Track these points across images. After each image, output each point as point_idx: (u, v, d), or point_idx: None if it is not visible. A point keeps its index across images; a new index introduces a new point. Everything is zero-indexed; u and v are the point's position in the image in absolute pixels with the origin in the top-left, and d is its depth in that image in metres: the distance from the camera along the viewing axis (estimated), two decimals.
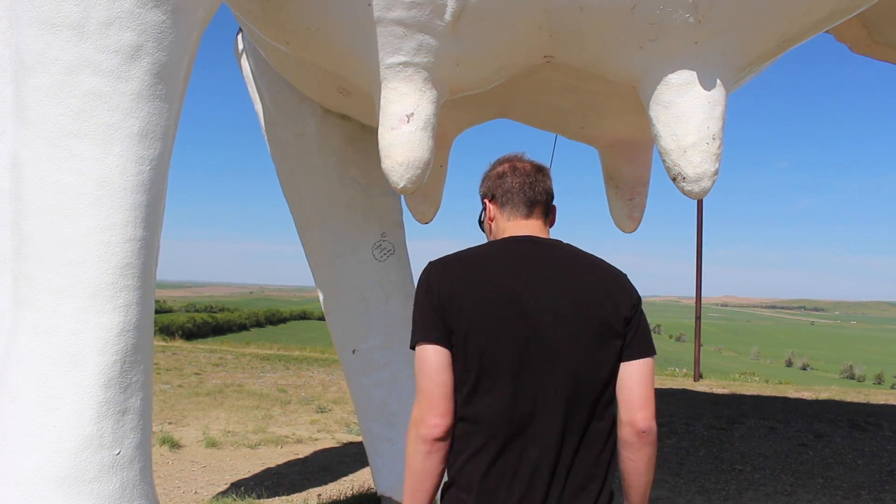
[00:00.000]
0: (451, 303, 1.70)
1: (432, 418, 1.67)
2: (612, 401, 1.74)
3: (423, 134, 3.19)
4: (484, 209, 1.96)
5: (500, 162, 1.97)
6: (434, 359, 1.68)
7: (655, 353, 1.74)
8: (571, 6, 3.05)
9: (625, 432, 1.71)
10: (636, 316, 1.75)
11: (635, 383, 1.69)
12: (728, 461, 6.57)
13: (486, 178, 1.97)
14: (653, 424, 1.68)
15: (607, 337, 1.70)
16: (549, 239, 1.88)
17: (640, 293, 1.84)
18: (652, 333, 1.80)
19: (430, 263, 1.82)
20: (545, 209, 1.91)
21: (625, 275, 1.82)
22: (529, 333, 1.67)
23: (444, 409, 1.67)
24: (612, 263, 1.86)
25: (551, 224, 1.95)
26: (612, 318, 1.71)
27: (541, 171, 1.94)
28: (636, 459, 1.70)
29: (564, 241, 1.88)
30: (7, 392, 2.47)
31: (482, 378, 1.67)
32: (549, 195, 1.93)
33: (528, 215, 1.88)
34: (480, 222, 1.99)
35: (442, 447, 1.69)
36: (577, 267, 1.78)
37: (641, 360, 1.71)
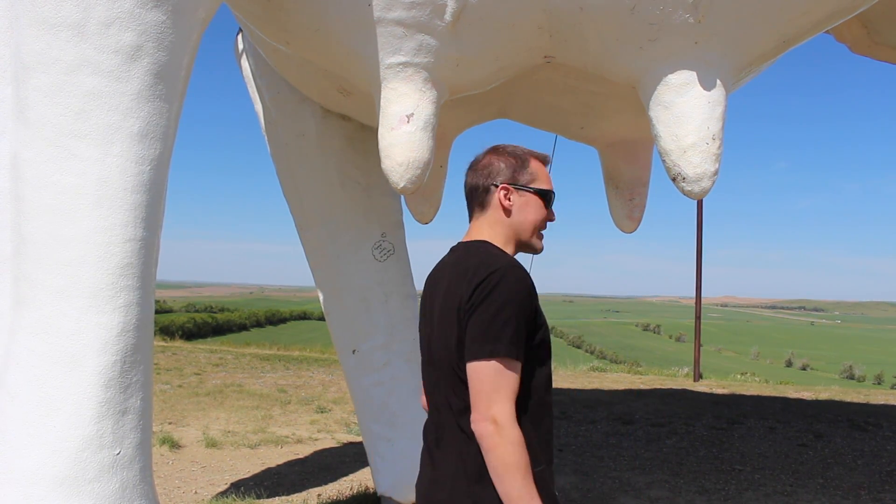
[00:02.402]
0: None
1: None
2: (463, 397, 1.79)
3: (423, 134, 3.19)
4: None
5: None
6: None
7: (488, 357, 1.70)
8: (571, 7, 3.05)
9: None
10: (468, 316, 1.74)
11: (470, 386, 1.74)
12: (728, 461, 6.57)
13: None
14: (479, 427, 1.70)
15: (450, 336, 1.81)
16: (461, 242, 1.97)
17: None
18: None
19: None
20: (480, 204, 1.97)
21: (485, 270, 1.76)
22: (426, 340, 1.94)
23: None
24: (490, 257, 1.82)
25: (506, 211, 1.93)
26: (454, 318, 1.79)
27: (472, 165, 2.01)
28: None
29: (479, 241, 1.92)
30: (7, 392, 2.47)
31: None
32: (475, 188, 1.96)
33: (470, 217, 2.01)
34: None
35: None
36: (454, 269, 1.86)
37: (469, 364, 1.73)
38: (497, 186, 1.94)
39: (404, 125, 3.16)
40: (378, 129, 3.25)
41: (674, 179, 3.17)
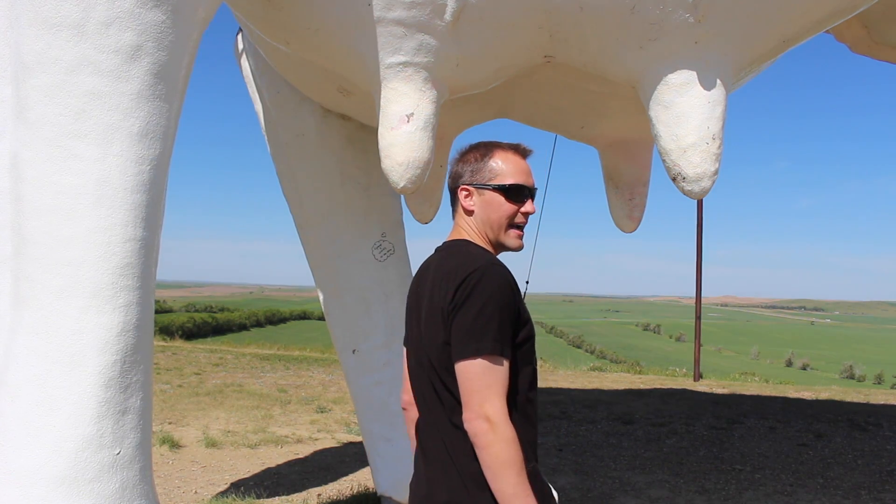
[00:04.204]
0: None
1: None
2: (453, 396, 1.82)
3: (423, 134, 3.19)
4: None
5: None
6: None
7: (474, 356, 1.71)
8: (571, 6, 3.05)
9: None
10: (452, 317, 1.76)
11: (460, 386, 1.75)
12: (728, 461, 6.57)
13: None
14: (472, 425, 1.70)
15: (436, 338, 1.83)
16: (445, 243, 1.99)
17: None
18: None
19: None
20: (453, 205, 2.03)
21: (464, 270, 1.78)
22: (414, 341, 1.95)
23: (404, 389, 2.11)
24: (470, 256, 1.84)
25: (467, 212, 1.97)
26: (440, 320, 1.81)
27: (452, 164, 2.04)
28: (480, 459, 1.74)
29: (460, 241, 1.95)
30: (7, 392, 2.47)
31: None
32: (450, 190, 2.02)
33: (452, 217, 2.05)
34: None
35: (405, 413, 2.12)
36: (437, 270, 1.89)
37: (457, 364, 1.75)
38: (458, 188, 1.99)
39: (404, 125, 3.16)
40: (378, 129, 3.26)
41: (674, 179, 3.17)
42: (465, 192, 1.97)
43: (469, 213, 1.97)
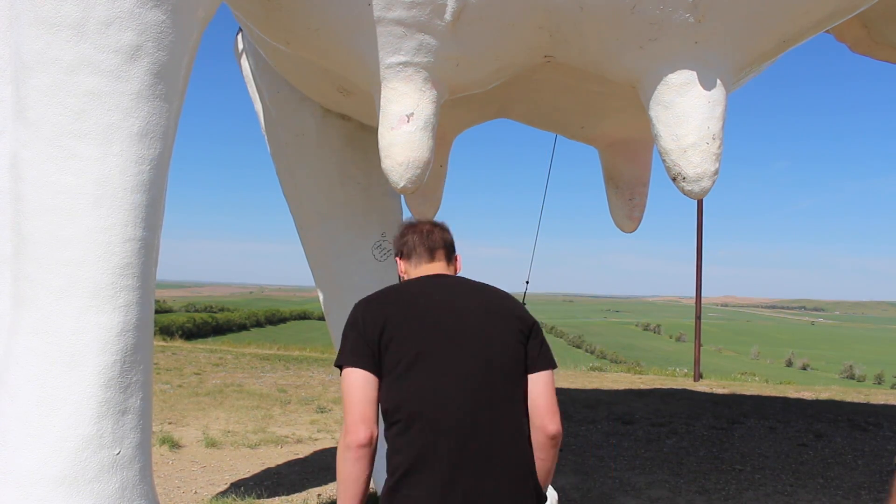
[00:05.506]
0: (383, 335, 1.93)
1: (358, 426, 1.89)
2: (521, 405, 1.99)
3: (423, 134, 3.19)
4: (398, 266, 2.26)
5: (401, 227, 2.29)
6: (361, 379, 1.91)
7: (556, 366, 2.03)
8: (571, 6, 3.05)
9: (536, 436, 1.96)
10: (535, 332, 2.02)
11: (542, 393, 1.97)
12: (728, 461, 6.57)
13: (394, 242, 2.29)
14: (559, 427, 1.97)
15: (517, 352, 1.98)
16: (462, 277, 2.19)
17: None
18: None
19: (358, 303, 2.07)
20: (446, 254, 2.20)
21: (518, 299, 2.12)
22: (475, 351, 1.95)
23: (368, 419, 1.90)
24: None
25: (455, 271, 2.22)
26: (516, 334, 1.99)
27: (437, 226, 2.25)
28: (545, 459, 1.97)
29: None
30: (7, 392, 2.47)
31: (419, 408, 1.92)
32: (447, 243, 2.22)
33: (431, 260, 2.18)
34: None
35: (366, 453, 1.90)
36: (480, 293, 2.07)
37: (545, 372, 1.99)
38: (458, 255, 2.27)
39: (404, 125, 3.16)
40: (378, 129, 3.26)
41: (674, 179, 3.17)
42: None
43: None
